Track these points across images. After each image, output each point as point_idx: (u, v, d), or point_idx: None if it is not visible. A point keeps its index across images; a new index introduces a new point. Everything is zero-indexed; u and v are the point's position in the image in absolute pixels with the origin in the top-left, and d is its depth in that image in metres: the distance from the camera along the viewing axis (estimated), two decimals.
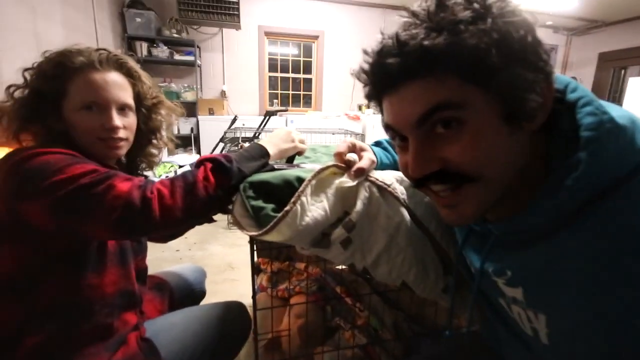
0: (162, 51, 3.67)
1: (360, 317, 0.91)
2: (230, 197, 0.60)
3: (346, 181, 0.56)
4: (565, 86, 0.39)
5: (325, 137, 2.92)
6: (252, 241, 0.73)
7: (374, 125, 4.00)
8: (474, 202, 0.39)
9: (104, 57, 0.65)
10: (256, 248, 0.74)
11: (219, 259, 2.02)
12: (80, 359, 0.58)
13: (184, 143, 3.84)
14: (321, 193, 0.56)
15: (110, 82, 0.64)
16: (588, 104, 0.36)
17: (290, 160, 0.77)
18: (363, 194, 0.57)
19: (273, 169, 0.65)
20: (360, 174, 0.57)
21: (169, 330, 0.71)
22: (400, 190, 0.60)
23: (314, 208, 0.54)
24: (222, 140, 2.82)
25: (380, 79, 0.38)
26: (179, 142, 0.91)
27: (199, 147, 3.88)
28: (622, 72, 4.69)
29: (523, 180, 0.39)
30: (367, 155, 0.60)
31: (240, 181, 0.59)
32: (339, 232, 0.56)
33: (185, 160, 3.24)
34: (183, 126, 3.81)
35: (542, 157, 0.39)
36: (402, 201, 0.59)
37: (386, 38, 0.36)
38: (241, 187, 0.58)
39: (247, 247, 0.73)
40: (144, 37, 3.59)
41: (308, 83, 4.71)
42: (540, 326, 0.42)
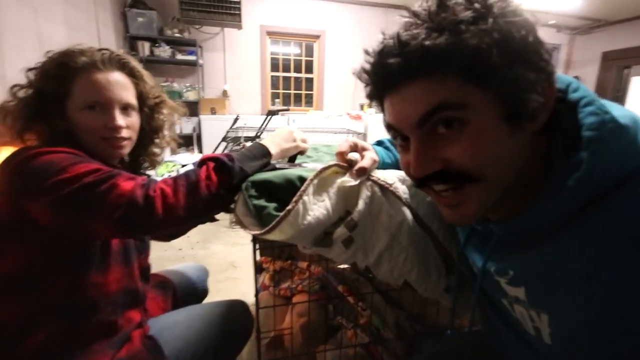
0: (164, 51, 3.68)
1: (362, 316, 0.92)
2: (233, 196, 0.60)
3: (348, 180, 0.56)
4: (567, 86, 0.39)
5: (327, 136, 2.92)
6: (255, 240, 0.73)
7: (375, 125, 4.00)
8: (475, 202, 0.39)
9: (107, 57, 0.65)
10: (258, 247, 0.75)
11: (221, 258, 2.02)
12: (85, 356, 0.59)
13: (186, 142, 3.84)
14: (323, 192, 0.56)
15: (113, 81, 0.65)
16: (590, 103, 0.36)
17: (292, 159, 0.77)
18: (365, 193, 0.57)
19: (275, 168, 0.66)
20: (362, 173, 0.57)
21: (173, 328, 0.72)
22: (402, 190, 0.60)
23: (316, 207, 0.54)
24: (224, 139, 2.83)
25: (382, 79, 0.38)
26: (181, 142, 0.91)
27: (201, 146, 3.89)
28: (626, 71, 4.66)
29: (525, 180, 0.39)
30: (369, 154, 0.60)
31: (242, 180, 0.59)
32: (340, 231, 0.56)
33: (188, 159, 3.24)
34: (185, 126, 3.82)
35: (544, 157, 0.39)
36: (404, 200, 0.59)
37: (387, 38, 0.36)
38: (243, 186, 0.58)
39: (249, 246, 0.73)
40: (146, 36, 3.60)
41: (310, 82, 4.70)
42: (543, 326, 0.42)
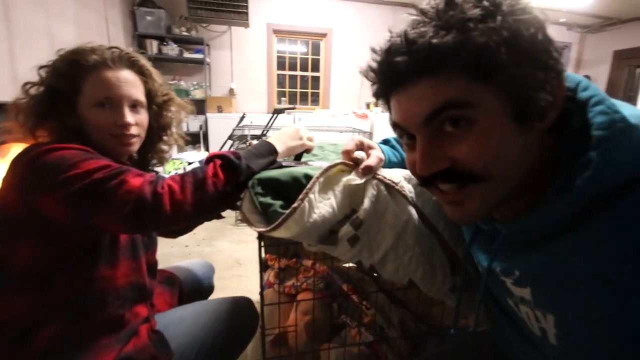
0: (171, 49, 3.71)
1: (366, 315, 0.92)
2: (239, 193, 0.61)
3: (354, 179, 0.57)
4: (577, 85, 0.39)
5: (332, 135, 2.92)
6: (260, 237, 0.74)
7: (382, 124, 3.99)
8: (479, 201, 0.39)
9: (117, 55, 0.66)
10: (264, 244, 0.75)
11: (226, 255, 2.04)
12: (93, 349, 0.60)
13: (192, 140, 3.87)
14: (329, 190, 0.56)
15: (123, 79, 0.66)
16: (599, 102, 0.35)
17: (298, 157, 0.78)
18: (371, 191, 0.57)
19: (281, 166, 0.66)
20: (368, 171, 0.57)
21: (179, 323, 0.73)
22: (408, 189, 0.60)
23: (321, 205, 0.54)
24: (230, 137, 2.84)
25: (388, 77, 0.38)
26: (188, 139, 0.92)
27: (207, 144, 3.92)
28: (638, 70, 4.58)
29: (532, 180, 0.39)
30: (375, 153, 0.60)
31: (248, 178, 0.60)
32: (346, 230, 0.56)
33: (194, 157, 3.27)
34: (192, 123, 3.85)
35: (552, 156, 0.38)
36: (409, 199, 0.59)
37: (394, 36, 0.36)
38: (250, 183, 0.59)
39: (255, 243, 0.74)
40: (154, 35, 3.63)
41: (316, 81, 4.70)
42: (549, 326, 0.41)
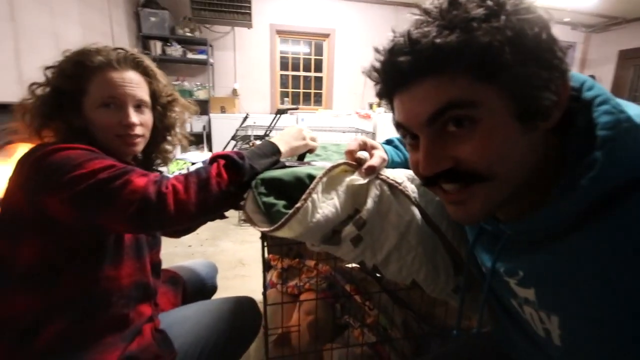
0: (175, 50, 3.73)
1: (369, 315, 0.92)
2: (243, 193, 0.61)
3: (357, 179, 0.57)
4: (581, 84, 0.38)
5: (335, 135, 2.92)
6: (264, 238, 0.74)
7: (385, 124, 3.98)
8: (482, 201, 0.38)
9: (122, 56, 0.67)
10: (267, 245, 0.75)
11: (230, 255, 2.04)
12: (98, 348, 0.60)
13: (196, 141, 3.89)
14: (332, 190, 0.56)
15: (128, 80, 0.66)
16: (604, 102, 0.35)
17: (301, 157, 0.78)
18: (374, 191, 0.57)
19: (285, 166, 0.66)
20: (371, 172, 0.57)
21: (182, 322, 0.73)
22: (412, 189, 0.60)
23: (324, 205, 0.54)
24: (233, 138, 2.85)
25: (392, 77, 0.38)
26: (192, 139, 0.93)
27: (210, 144, 3.93)
28: None
29: (536, 180, 0.38)
30: (378, 153, 0.60)
31: (252, 178, 0.60)
32: (349, 230, 0.56)
33: (197, 157, 3.28)
34: (195, 124, 3.86)
35: (556, 156, 0.38)
36: (413, 199, 0.59)
37: (398, 36, 0.36)
38: (253, 183, 0.59)
39: (258, 243, 0.74)
40: (158, 36, 3.66)
41: (319, 81, 4.71)
42: (553, 327, 0.41)
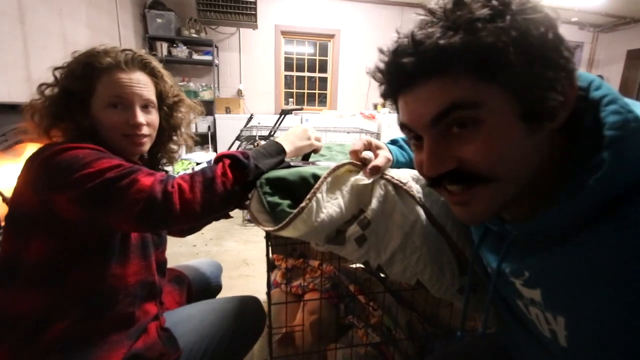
0: (181, 51, 3.76)
1: (373, 315, 0.91)
2: (248, 192, 0.61)
3: (361, 179, 0.57)
4: (589, 84, 0.38)
5: (340, 136, 2.92)
6: (268, 237, 0.74)
7: (389, 124, 3.97)
8: (486, 201, 0.38)
9: (130, 57, 0.68)
10: (271, 244, 0.76)
11: (234, 255, 2.05)
12: (104, 345, 0.61)
13: (201, 141, 3.91)
14: (336, 190, 0.56)
15: (135, 81, 0.67)
16: (612, 102, 0.35)
17: (306, 157, 0.78)
18: (378, 191, 0.57)
19: (289, 166, 0.66)
20: (376, 171, 0.57)
21: (187, 321, 0.73)
22: (416, 189, 0.60)
23: (329, 205, 0.55)
24: (238, 138, 2.86)
25: (396, 78, 0.38)
26: (197, 140, 0.93)
27: (215, 145, 3.95)
28: None
29: (542, 180, 0.38)
30: (383, 153, 0.60)
31: (257, 177, 0.60)
32: (353, 229, 0.56)
33: (202, 157, 3.31)
34: (200, 124, 3.89)
35: (562, 156, 0.38)
36: (417, 200, 0.59)
37: (402, 37, 0.36)
38: (258, 183, 0.59)
39: (262, 243, 0.75)
40: (164, 37, 3.69)
41: (323, 82, 4.71)
42: (559, 329, 0.41)
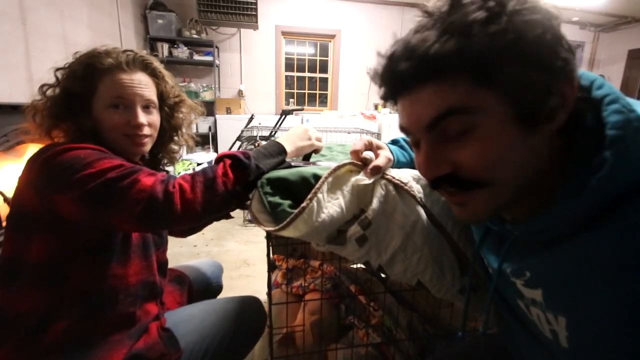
0: (182, 52, 3.76)
1: (374, 316, 0.91)
2: (248, 193, 0.62)
3: (362, 179, 0.57)
4: (591, 83, 0.38)
5: (340, 136, 2.92)
6: (269, 237, 0.74)
7: (390, 125, 3.97)
8: (483, 204, 0.39)
9: (131, 58, 0.68)
10: (272, 245, 0.76)
11: (235, 255, 2.05)
12: (105, 345, 0.61)
13: (202, 141, 3.92)
14: (337, 190, 0.56)
15: (137, 81, 0.67)
16: (614, 101, 0.35)
17: (306, 158, 0.78)
18: (379, 191, 0.57)
19: (290, 166, 0.66)
20: (377, 171, 0.57)
21: (188, 321, 0.73)
22: (417, 189, 0.60)
23: (330, 205, 0.55)
24: (238, 138, 2.86)
25: (393, 83, 0.39)
26: (198, 140, 0.94)
27: (216, 145, 3.96)
28: None
29: (542, 180, 0.38)
30: (384, 153, 0.60)
31: (258, 177, 0.60)
32: (354, 229, 0.56)
33: (203, 158, 3.31)
34: (201, 125, 3.89)
35: (562, 157, 0.38)
36: (418, 200, 0.59)
37: (399, 41, 0.37)
38: (259, 183, 0.59)
39: (262, 244, 0.75)
40: (165, 38, 3.70)
41: (324, 82, 4.71)
42: (560, 329, 0.41)
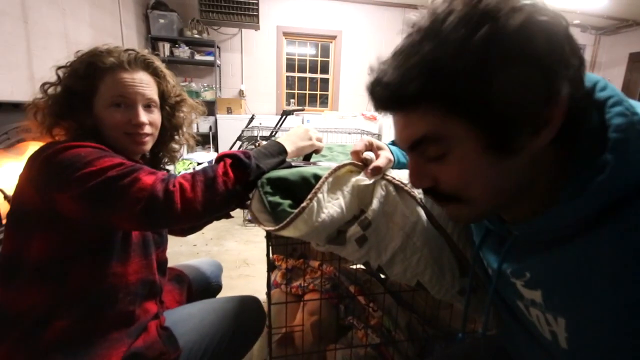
0: (183, 51, 3.77)
1: (373, 317, 0.91)
2: (249, 192, 0.62)
3: (363, 179, 0.57)
4: (594, 84, 0.38)
5: (341, 136, 2.92)
6: (268, 237, 0.74)
7: (390, 126, 3.97)
8: (466, 213, 0.42)
9: (133, 57, 0.68)
10: (271, 245, 0.76)
11: (234, 255, 2.05)
12: (104, 343, 0.61)
13: (202, 141, 3.92)
14: (337, 190, 0.57)
15: (138, 81, 0.67)
16: (618, 103, 0.34)
17: (307, 158, 0.78)
18: (379, 192, 0.57)
19: (291, 166, 0.66)
20: (377, 172, 0.57)
21: (187, 320, 0.73)
22: (417, 190, 0.60)
23: (330, 205, 0.55)
24: (239, 138, 2.87)
25: (376, 105, 0.41)
26: (199, 139, 0.94)
27: (217, 145, 3.96)
28: None
29: (539, 183, 0.38)
30: (384, 153, 0.60)
31: (258, 177, 0.60)
32: (354, 230, 0.56)
33: (204, 157, 3.31)
34: (202, 124, 3.90)
35: (564, 157, 0.38)
36: (418, 200, 0.59)
37: (385, 62, 0.38)
38: (259, 183, 0.59)
39: (262, 244, 0.75)
40: (167, 37, 3.70)
41: (325, 83, 4.71)
42: (560, 330, 0.41)
